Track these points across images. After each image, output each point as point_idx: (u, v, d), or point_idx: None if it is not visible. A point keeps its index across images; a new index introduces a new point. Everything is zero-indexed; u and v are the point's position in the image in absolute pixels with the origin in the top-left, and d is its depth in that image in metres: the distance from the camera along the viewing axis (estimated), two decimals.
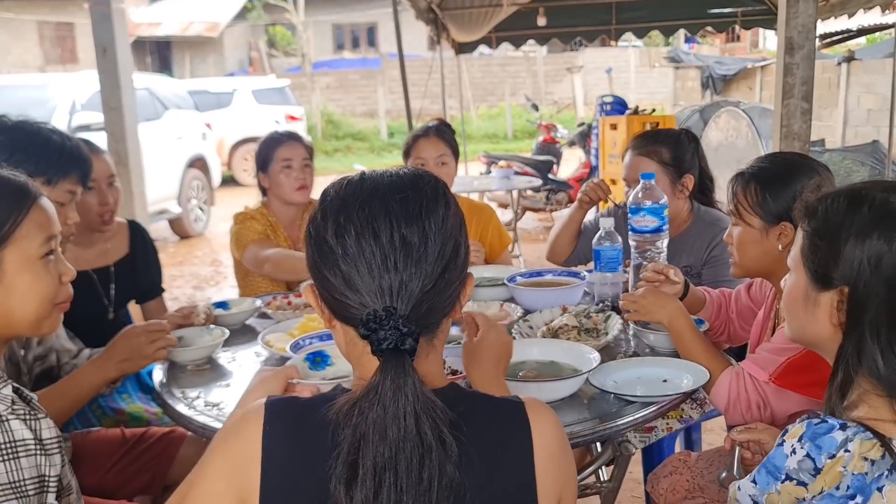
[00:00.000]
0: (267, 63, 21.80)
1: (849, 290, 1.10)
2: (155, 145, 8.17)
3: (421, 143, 2.83)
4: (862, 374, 1.07)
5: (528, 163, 8.39)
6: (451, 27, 7.95)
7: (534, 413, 1.01)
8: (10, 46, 20.35)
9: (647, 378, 1.68)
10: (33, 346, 1.97)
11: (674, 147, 2.48)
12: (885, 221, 1.09)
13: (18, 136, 1.87)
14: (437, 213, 0.99)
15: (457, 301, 1.04)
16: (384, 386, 0.91)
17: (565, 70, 17.22)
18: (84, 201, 2.33)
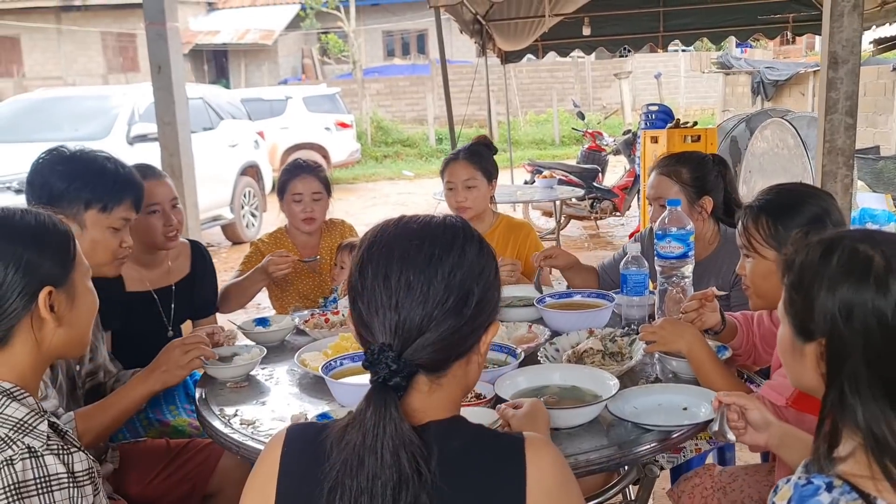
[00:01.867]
0: (319, 70, 22.16)
1: (826, 342, 1.10)
2: (209, 154, 8.42)
3: (451, 167, 2.94)
4: (848, 426, 1.06)
5: (573, 171, 8.39)
6: (497, 37, 8.00)
7: (533, 450, 1.05)
8: (76, 56, 21.14)
9: (668, 405, 1.71)
10: (86, 362, 2.10)
11: (695, 168, 2.52)
12: (853, 271, 1.08)
13: (77, 166, 1.98)
14: (446, 261, 1.05)
15: (473, 347, 1.09)
16: (366, 417, 1.00)
17: (613, 76, 17.10)
18: (149, 223, 2.47)
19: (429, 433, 1.03)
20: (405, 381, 1.02)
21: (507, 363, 1.89)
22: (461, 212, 2.92)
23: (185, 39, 21.06)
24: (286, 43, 22.36)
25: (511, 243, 2.99)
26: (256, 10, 22.14)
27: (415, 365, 1.03)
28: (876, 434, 1.02)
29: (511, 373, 1.78)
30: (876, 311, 1.04)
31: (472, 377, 1.14)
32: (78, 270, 1.42)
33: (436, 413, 1.07)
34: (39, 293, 1.32)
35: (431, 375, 1.06)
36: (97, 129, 7.48)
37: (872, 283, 1.06)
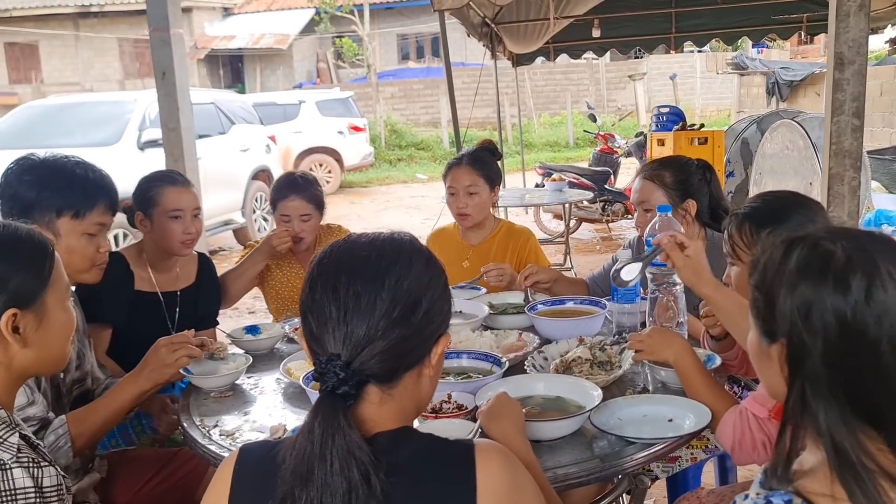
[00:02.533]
0: (334, 74, 22.23)
1: (786, 343, 1.05)
2: (221, 159, 8.48)
3: (454, 172, 2.91)
4: (812, 436, 1.01)
5: (584, 174, 8.34)
6: (507, 40, 7.97)
7: (483, 456, 1.05)
8: (94, 62, 21.37)
9: (654, 416, 1.68)
10: (72, 370, 2.09)
11: (678, 171, 2.52)
12: (812, 268, 1.03)
13: (45, 174, 1.97)
14: (392, 273, 1.07)
15: (423, 358, 1.11)
16: (314, 426, 1.00)
17: (627, 77, 17.01)
18: (169, 228, 2.50)
19: (377, 444, 1.04)
20: (354, 391, 1.03)
21: (493, 373, 1.86)
22: (462, 218, 2.91)
23: (200, 45, 21.24)
24: (301, 47, 22.46)
25: (511, 249, 2.97)
26: (271, 15, 22.26)
27: (364, 374, 1.05)
28: (837, 443, 0.97)
29: (493, 383, 1.75)
30: (835, 310, 1.00)
31: (424, 390, 1.15)
32: (52, 290, 1.40)
33: (386, 424, 1.08)
34: (2, 315, 1.30)
35: (382, 386, 1.08)
36: (108, 135, 7.52)
37: (831, 281, 1.01)
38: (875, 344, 0.98)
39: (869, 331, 0.98)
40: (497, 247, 2.97)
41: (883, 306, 0.98)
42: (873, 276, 1.00)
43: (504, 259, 2.91)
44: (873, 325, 0.98)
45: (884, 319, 0.98)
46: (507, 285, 2.65)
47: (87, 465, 2.06)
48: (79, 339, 2.14)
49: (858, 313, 0.98)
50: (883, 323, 0.98)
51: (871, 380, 0.98)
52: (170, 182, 2.57)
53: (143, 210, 2.53)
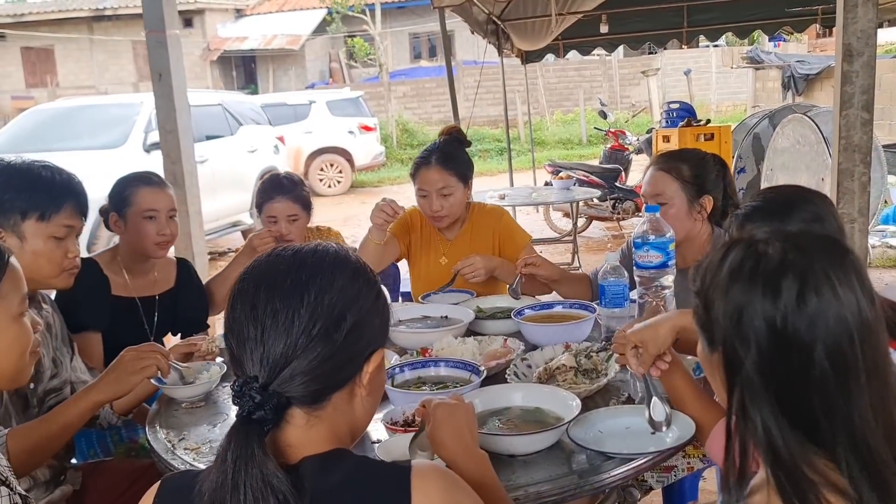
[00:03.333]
0: (346, 74, 22.21)
1: (721, 350, 0.99)
2: (229, 160, 8.46)
3: (423, 174, 2.68)
4: (756, 447, 0.95)
5: (594, 171, 8.23)
6: (514, 37, 7.88)
7: (419, 479, 0.98)
8: (108, 65, 21.51)
9: (636, 429, 1.59)
10: (45, 379, 2.03)
11: (696, 166, 2.38)
12: (742, 272, 0.98)
13: (9, 177, 1.91)
14: (312, 287, 1.00)
15: (353, 378, 1.04)
16: (227, 455, 0.94)
17: (640, 73, 16.84)
18: (143, 228, 2.45)
19: (304, 469, 0.98)
20: (272, 415, 0.97)
21: (471, 382, 1.78)
22: (437, 220, 2.73)
23: (213, 46, 21.31)
24: (313, 47, 22.46)
25: (488, 234, 2.79)
26: (283, 16, 22.28)
27: (284, 397, 0.98)
28: (774, 453, 0.92)
29: (469, 394, 1.67)
30: (765, 315, 0.94)
31: (359, 412, 1.08)
32: (0, 305, 1.34)
33: (315, 448, 1.01)
34: None
35: (307, 408, 1.01)
36: (115, 138, 7.52)
37: (761, 284, 0.95)
38: (807, 351, 0.92)
39: (800, 337, 0.93)
40: (473, 236, 2.80)
41: (816, 311, 0.93)
42: (806, 278, 0.94)
43: (484, 245, 2.75)
44: (805, 331, 0.92)
45: (817, 325, 0.92)
46: (487, 274, 2.52)
47: (59, 476, 2.01)
48: (55, 347, 2.09)
49: (789, 318, 0.93)
50: (816, 329, 0.92)
51: (804, 389, 0.93)
52: (145, 182, 2.52)
53: (117, 211, 2.48)
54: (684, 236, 2.29)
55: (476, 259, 2.53)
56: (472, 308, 2.38)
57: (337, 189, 13.53)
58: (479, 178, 14.12)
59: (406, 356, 2.04)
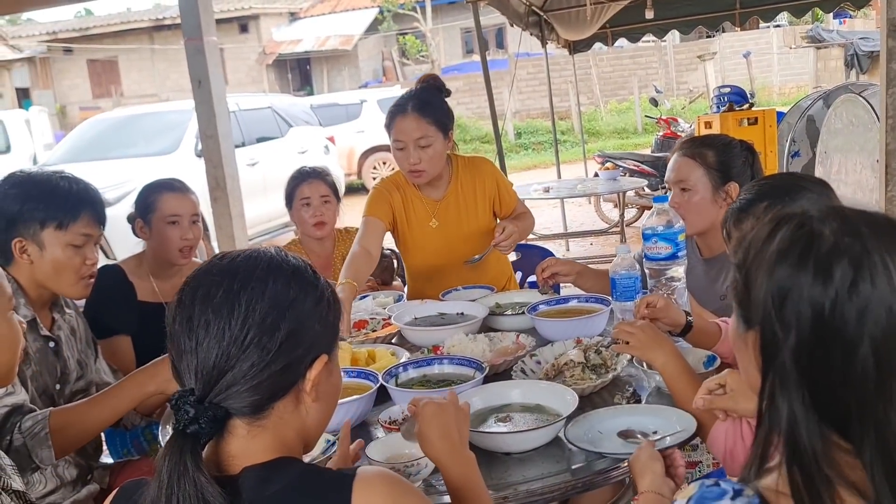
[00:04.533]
0: (399, 72, 22.33)
1: (759, 331, 0.92)
2: (279, 162, 8.61)
3: (398, 123, 2.49)
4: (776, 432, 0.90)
5: (645, 160, 8.07)
6: (558, 28, 7.78)
7: (362, 486, 0.97)
8: (169, 73, 22.13)
9: (637, 428, 1.53)
10: (71, 381, 2.10)
11: (722, 152, 2.28)
12: (792, 251, 0.90)
13: (28, 188, 1.98)
14: (243, 296, 0.99)
15: (295, 384, 1.03)
16: (163, 468, 0.93)
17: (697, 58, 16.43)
18: (167, 234, 2.52)
19: (243, 480, 0.97)
20: (209, 427, 0.96)
21: (475, 378, 1.77)
22: (415, 175, 2.53)
23: (269, 51, 21.70)
24: (366, 47, 22.66)
25: (479, 192, 2.67)
26: (336, 17, 22.54)
27: (221, 409, 0.97)
28: (797, 438, 0.87)
29: (467, 392, 1.65)
30: (811, 301, 0.87)
31: (310, 419, 1.06)
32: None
33: (258, 458, 1.00)
34: None
35: (249, 419, 1.00)
36: (167, 145, 7.74)
37: (811, 267, 0.88)
38: (852, 344, 0.85)
39: (847, 328, 0.85)
40: (462, 194, 2.65)
41: (867, 301, 0.85)
42: (861, 264, 0.86)
43: (477, 203, 2.66)
44: (853, 323, 0.85)
45: (867, 317, 0.85)
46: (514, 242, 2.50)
47: (86, 476, 2.08)
48: (80, 350, 2.16)
49: (838, 307, 0.86)
50: (865, 321, 0.85)
51: (842, 384, 0.86)
52: (168, 188, 2.59)
53: (142, 217, 2.55)
54: (709, 224, 2.22)
55: (509, 225, 2.48)
56: (491, 304, 2.36)
57: None
58: (532, 170, 14.10)
59: (416, 354, 2.04)
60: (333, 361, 1.09)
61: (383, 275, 2.97)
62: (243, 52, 21.87)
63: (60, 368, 2.04)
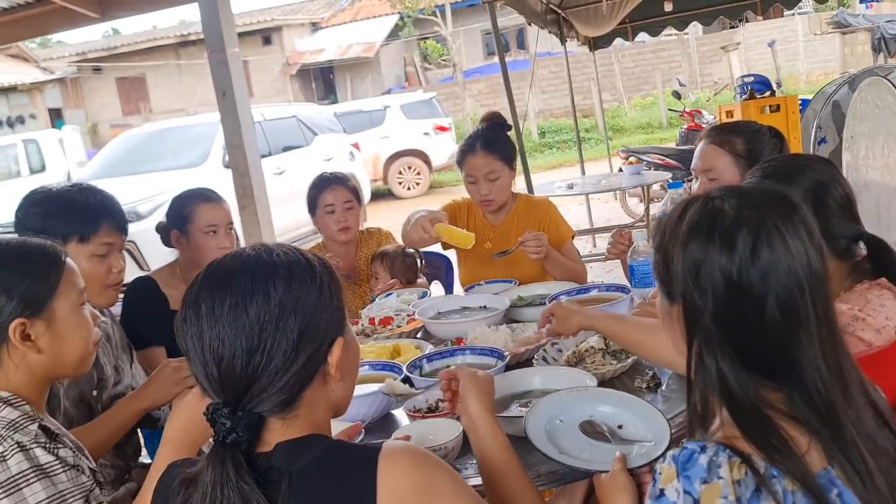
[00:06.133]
0: (422, 76, 22.43)
1: (681, 303, 1.04)
2: (305, 170, 8.71)
3: (469, 160, 2.76)
4: (713, 395, 1.01)
5: (670, 154, 8.03)
6: (577, 24, 7.78)
7: (387, 459, 1.00)
8: (196, 87, 22.43)
9: (601, 419, 1.46)
10: (109, 386, 2.17)
11: (750, 139, 2.25)
12: (699, 229, 1.02)
13: (48, 204, 2.04)
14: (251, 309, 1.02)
15: (318, 370, 1.07)
16: (206, 477, 0.98)
17: (720, 49, 16.26)
18: (205, 244, 2.57)
19: (276, 454, 1.02)
20: (246, 434, 1.00)
21: (497, 367, 1.81)
22: (486, 205, 2.81)
23: (292, 61, 21.92)
24: (388, 53, 22.79)
25: (532, 222, 2.84)
26: (357, 25, 22.71)
27: (255, 415, 1.01)
28: (730, 390, 0.99)
29: None
30: (722, 269, 0.99)
31: (336, 395, 1.11)
32: (62, 297, 1.48)
33: (292, 436, 1.05)
34: (10, 325, 1.39)
35: (282, 415, 1.04)
36: (195, 157, 7.88)
37: (717, 240, 1.00)
38: (760, 301, 0.98)
39: (754, 288, 0.98)
40: (518, 223, 2.85)
41: (768, 263, 0.98)
42: (759, 232, 0.99)
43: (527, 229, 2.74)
44: (758, 283, 0.98)
45: (769, 277, 0.98)
46: (543, 258, 2.55)
47: (124, 475, 2.14)
48: (116, 356, 2.23)
49: (744, 271, 0.98)
50: (768, 280, 0.98)
51: (757, 336, 0.99)
52: (203, 199, 2.63)
53: (178, 228, 2.60)
54: None
55: (545, 238, 2.56)
56: (513, 297, 2.40)
57: (416, 191, 13.70)
58: (557, 169, 14.06)
59: (440, 346, 2.08)
60: (347, 337, 1.12)
61: (407, 273, 3.01)
62: (267, 64, 22.13)
63: (97, 375, 2.10)
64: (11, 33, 6.16)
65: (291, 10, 24.68)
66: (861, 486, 0.94)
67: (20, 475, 1.28)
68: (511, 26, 21.55)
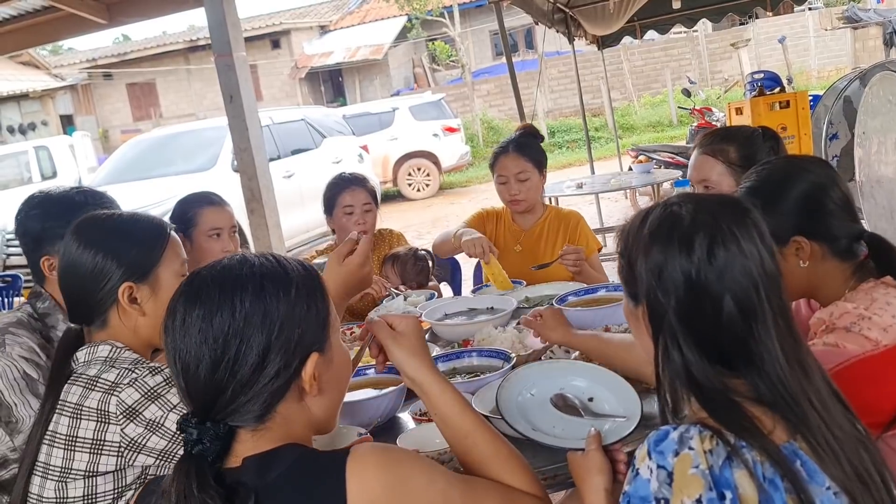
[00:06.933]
0: (431, 78, 22.43)
1: (646, 303, 1.11)
2: (314, 172, 8.73)
3: (501, 161, 2.89)
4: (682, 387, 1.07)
5: (679, 151, 8.01)
6: (585, 23, 7.75)
7: (355, 461, 0.99)
8: (205, 92, 22.54)
9: (572, 392, 1.48)
10: None
11: (743, 145, 2.20)
12: (660, 234, 1.09)
13: (47, 206, 2.03)
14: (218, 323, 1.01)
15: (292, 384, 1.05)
16: (171, 490, 0.97)
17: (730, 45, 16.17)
18: (209, 247, 2.59)
19: (244, 469, 1.00)
20: (213, 445, 0.99)
21: (503, 369, 1.79)
22: (515, 205, 2.90)
23: (301, 65, 21.97)
24: (396, 55, 22.80)
25: (562, 232, 2.93)
26: (365, 28, 22.73)
27: (224, 425, 1.00)
28: (697, 379, 1.05)
29: (493, 382, 1.67)
30: (682, 270, 1.06)
31: (316, 413, 1.09)
32: (166, 265, 1.60)
33: (262, 450, 1.03)
34: (118, 288, 1.52)
35: (253, 426, 1.03)
36: (205, 161, 7.90)
37: (677, 243, 1.07)
38: (718, 298, 1.05)
39: (712, 287, 1.05)
40: (548, 230, 2.95)
41: (724, 264, 1.05)
42: (715, 235, 1.06)
43: (556, 243, 2.87)
44: (715, 282, 1.05)
45: (725, 276, 1.05)
46: (578, 272, 2.60)
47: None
48: None
49: (702, 271, 1.05)
50: (725, 279, 1.05)
51: (717, 331, 1.05)
52: (207, 202, 2.64)
53: (182, 231, 2.59)
54: None
55: (581, 251, 2.62)
56: (521, 298, 2.38)
57: (426, 192, 13.69)
58: (567, 169, 14.01)
59: (447, 348, 2.06)
60: (330, 352, 1.09)
61: (419, 277, 2.99)
62: (276, 68, 22.19)
63: None
64: (21, 40, 6.20)
65: (300, 13, 24.73)
66: (826, 459, 1.00)
67: (157, 386, 1.43)
68: (519, 26, 21.54)
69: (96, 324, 1.56)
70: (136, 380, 1.43)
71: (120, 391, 1.42)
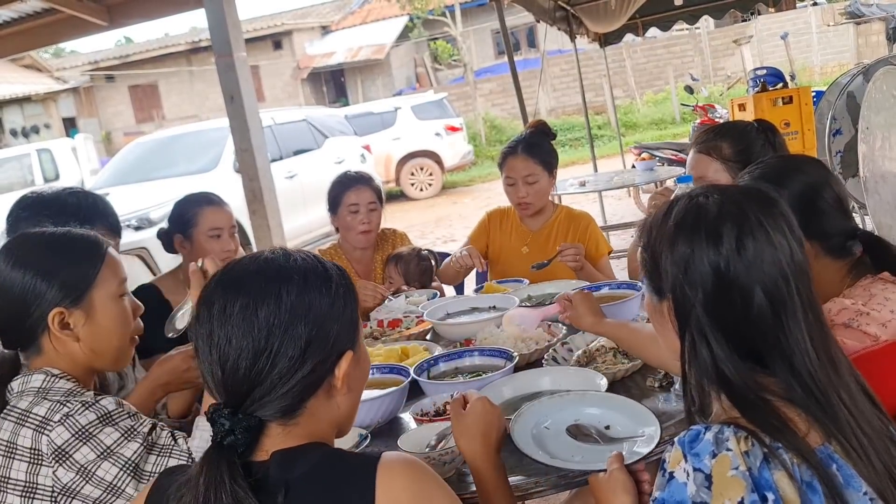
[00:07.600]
0: (433, 77, 22.41)
1: (671, 298, 1.08)
2: (317, 172, 8.72)
3: (510, 162, 2.81)
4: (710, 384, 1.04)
5: (683, 149, 7.96)
6: (587, 21, 7.73)
7: (385, 470, 0.98)
8: (207, 93, 22.55)
9: (587, 422, 1.44)
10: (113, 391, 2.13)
11: (737, 140, 2.20)
12: (685, 226, 1.06)
13: (38, 208, 2.03)
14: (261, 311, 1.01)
15: (323, 381, 1.05)
16: (199, 480, 0.95)
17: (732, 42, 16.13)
18: (207, 248, 2.56)
19: (272, 463, 1.00)
20: (244, 437, 0.98)
21: (505, 368, 1.77)
22: (522, 208, 2.84)
23: (303, 65, 21.99)
24: (398, 55, 22.79)
25: (571, 233, 2.88)
26: (367, 28, 22.73)
27: (255, 418, 1.00)
28: (727, 377, 1.02)
29: (497, 381, 1.66)
30: (710, 262, 1.03)
31: (341, 411, 1.09)
32: (101, 287, 1.49)
33: (290, 445, 1.02)
34: (49, 314, 1.42)
35: (282, 420, 1.02)
36: (206, 163, 7.89)
37: (704, 235, 1.04)
38: (748, 290, 1.02)
39: (741, 279, 1.02)
40: (557, 231, 2.89)
41: (754, 255, 1.02)
42: (743, 225, 1.03)
43: (564, 241, 2.81)
44: (744, 273, 1.02)
45: (755, 267, 1.02)
46: (579, 269, 2.57)
47: None
48: None
49: (731, 262, 1.02)
50: (754, 271, 1.02)
51: (746, 325, 1.02)
52: (207, 202, 2.62)
53: (181, 232, 2.58)
54: None
55: (583, 250, 2.58)
56: (523, 296, 2.37)
57: (428, 192, 13.67)
58: (570, 167, 13.98)
59: (449, 348, 2.05)
60: (359, 352, 1.10)
61: (422, 277, 2.96)
62: (278, 68, 22.19)
63: (98, 381, 2.09)
64: (22, 43, 6.19)
65: (301, 14, 24.75)
66: (859, 461, 0.98)
67: (89, 425, 1.33)
68: (521, 25, 21.52)
69: (31, 350, 1.47)
70: (67, 416, 1.33)
71: (50, 430, 1.32)
